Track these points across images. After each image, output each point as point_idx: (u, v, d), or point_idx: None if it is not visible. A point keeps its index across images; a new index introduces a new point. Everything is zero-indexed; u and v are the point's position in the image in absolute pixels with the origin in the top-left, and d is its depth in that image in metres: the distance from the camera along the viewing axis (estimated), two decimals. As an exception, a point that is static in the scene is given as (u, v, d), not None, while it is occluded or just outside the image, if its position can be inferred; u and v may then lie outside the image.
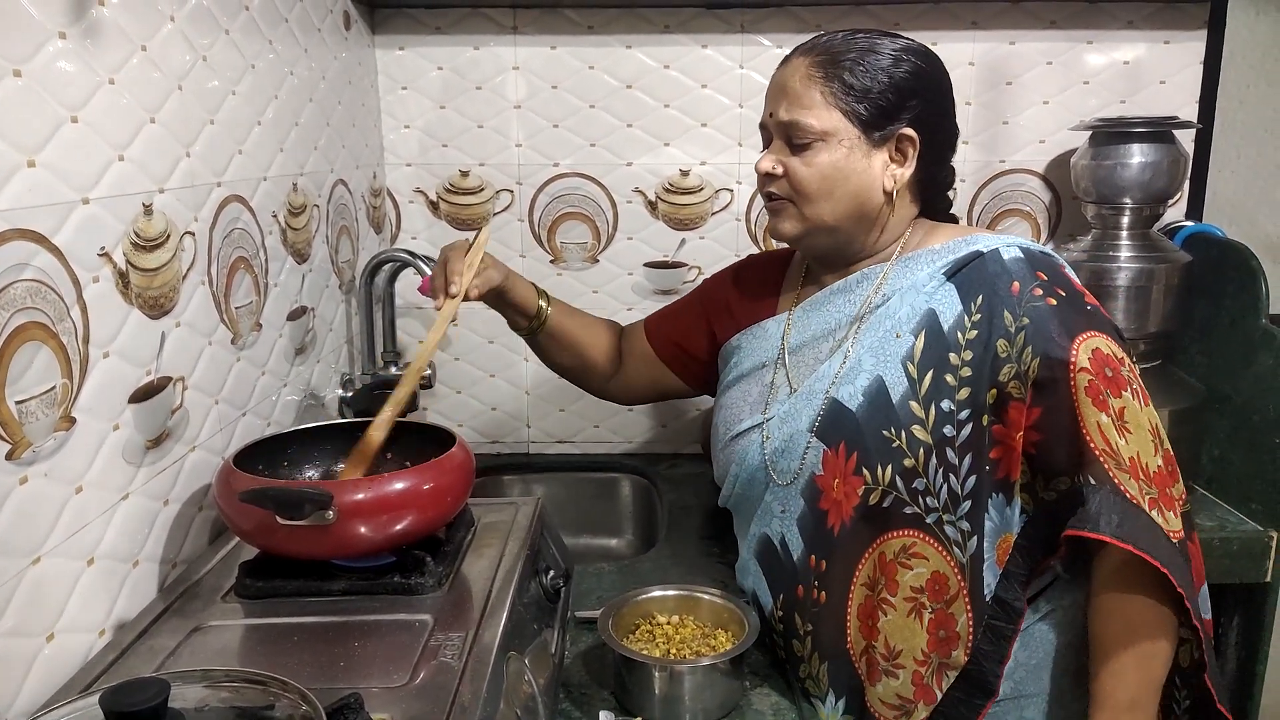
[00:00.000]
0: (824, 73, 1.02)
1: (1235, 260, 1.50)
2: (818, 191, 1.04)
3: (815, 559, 1.05)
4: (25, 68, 0.78)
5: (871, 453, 1.00)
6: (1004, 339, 0.96)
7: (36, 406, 0.79)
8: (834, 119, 1.02)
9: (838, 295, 1.11)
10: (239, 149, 1.16)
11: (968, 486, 0.96)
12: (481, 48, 1.68)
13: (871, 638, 1.00)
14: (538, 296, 1.27)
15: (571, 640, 1.12)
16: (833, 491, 1.03)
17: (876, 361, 1.02)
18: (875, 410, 1.01)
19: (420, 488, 0.95)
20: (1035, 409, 0.94)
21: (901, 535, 0.99)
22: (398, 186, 1.75)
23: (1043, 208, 1.75)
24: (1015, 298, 0.97)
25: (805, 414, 1.06)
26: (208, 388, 1.09)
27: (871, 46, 1.03)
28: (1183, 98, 1.69)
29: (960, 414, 0.97)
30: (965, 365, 0.98)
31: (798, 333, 1.13)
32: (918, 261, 1.06)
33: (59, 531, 0.83)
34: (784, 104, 1.04)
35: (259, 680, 0.67)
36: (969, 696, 0.97)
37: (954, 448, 0.97)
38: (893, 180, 1.04)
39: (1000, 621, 0.96)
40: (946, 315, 1.00)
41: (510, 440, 1.85)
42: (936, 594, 0.97)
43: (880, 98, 1.02)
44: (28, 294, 0.78)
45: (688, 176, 1.73)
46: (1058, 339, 0.93)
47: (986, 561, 0.96)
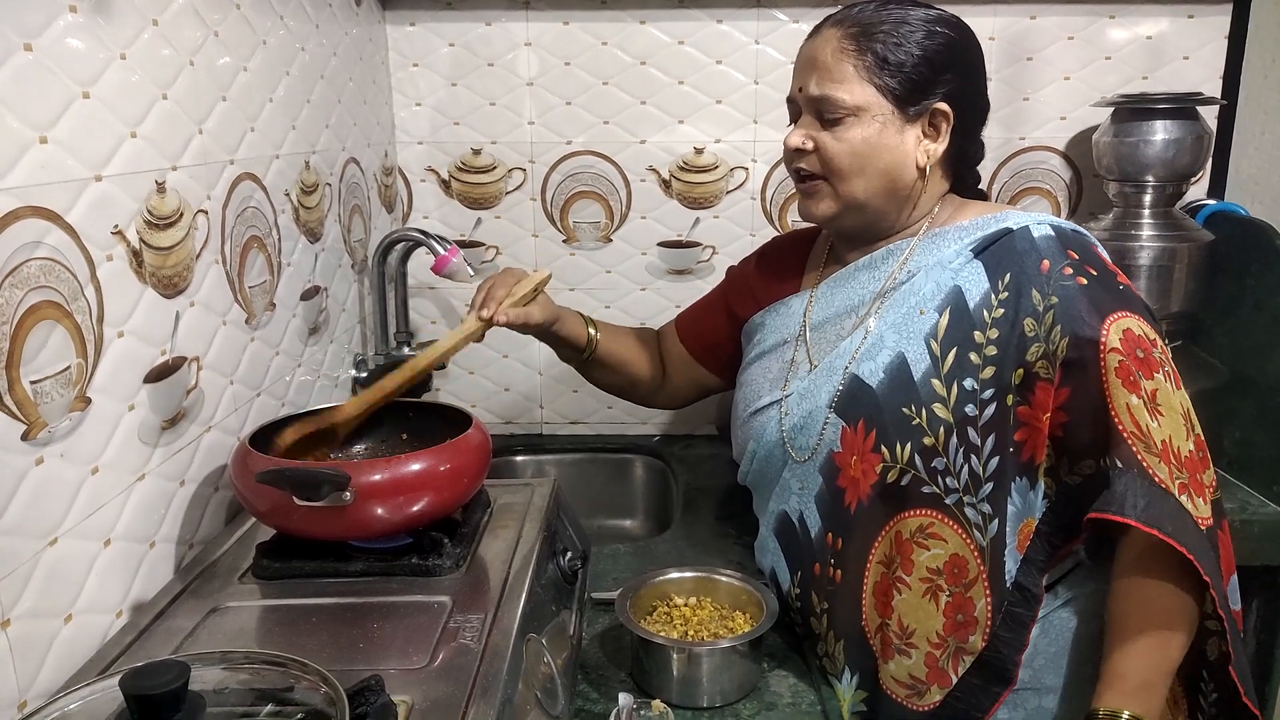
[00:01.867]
0: (857, 46, 1.00)
1: (1259, 239, 1.47)
2: (850, 168, 1.02)
3: (832, 536, 1.04)
4: (36, 42, 0.77)
5: (891, 430, 0.98)
6: (1031, 318, 0.94)
7: (51, 387, 0.78)
8: (867, 94, 1.00)
9: (862, 271, 1.09)
10: (251, 126, 1.14)
11: (990, 468, 0.95)
12: (493, 24, 1.66)
13: (886, 616, 0.99)
14: (586, 326, 1.26)
15: (589, 622, 1.12)
16: (850, 469, 1.02)
17: (899, 338, 1.01)
18: (896, 387, 0.99)
19: (437, 469, 0.94)
20: (1063, 390, 0.92)
21: (919, 515, 0.97)
22: (409, 165, 1.73)
23: (1063, 185, 1.72)
24: (1044, 276, 0.95)
25: (825, 390, 1.05)
26: (222, 368, 1.08)
27: (904, 18, 1.01)
28: (1206, 73, 1.66)
29: (984, 393, 0.95)
30: (990, 344, 0.96)
31: (820, 309, 1.11)
32: (945, 238, 1.04)
33: (75, 513, 0.82)
34: (814, 78, 1.02)
35: (279, 662, 0.66)
36: (986, 684, 0.96)
37: (976, 427, 0.96)
38: (926, 156, 1.02)
39: (1019, 608, 0.95)
40: (973, 293, 0.99)
41: (523, 421, 1.84)
42: (955, 577, 0.96)
43: (914, 72, 0.99)
44: (41, 273, 0.77)
45: (702, 154, 1.71)
46: (1087, 318, 0.92)
47: (1008, 546, 0.95)
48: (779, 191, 1.72)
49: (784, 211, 1.73)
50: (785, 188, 1.72)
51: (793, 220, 1.73)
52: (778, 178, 1.72)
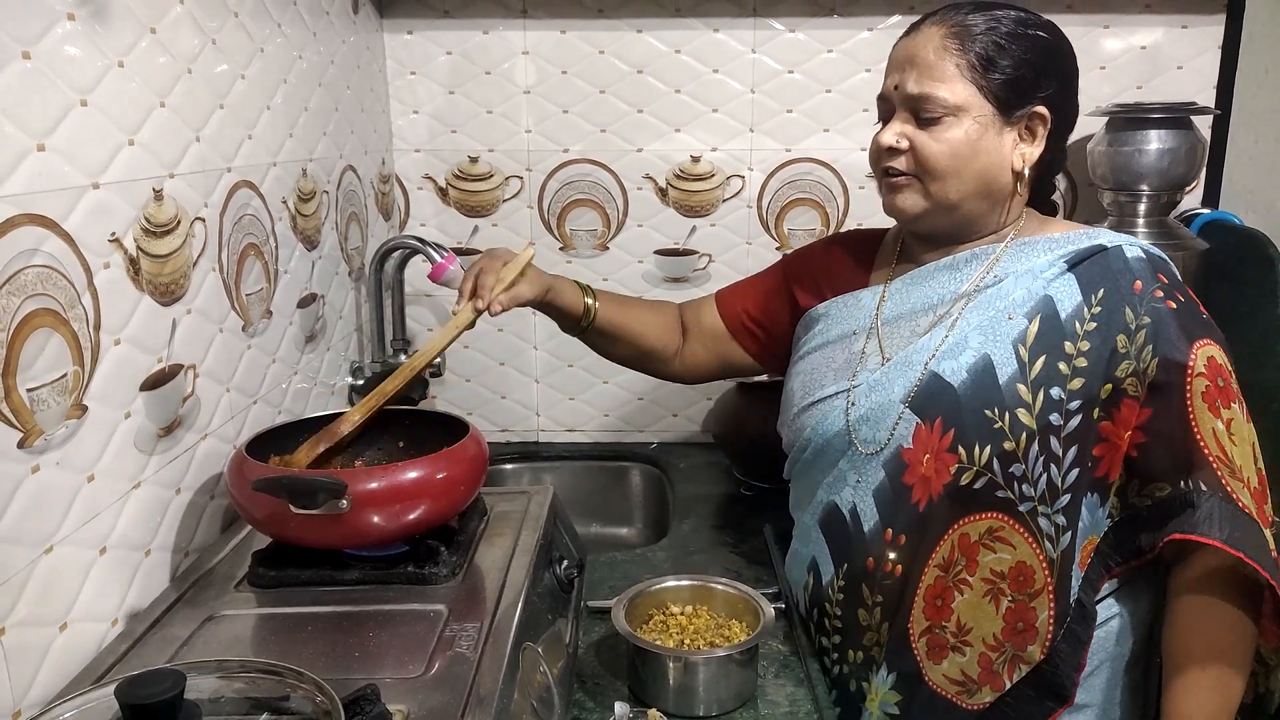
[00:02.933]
0: (960, 45, 0.98)
1: (1253, 248, 1.48)
2: (947, 169, 1.00)
3: (892, 532, 1.03)
4: (34, 50, 0.77)
5: (970, 431, 0.98)
6: (1124, 334, 0.95)
7: (48, 394, 0.78)
8: (968, 93, 0.98)
9: (943, 272, 1.07)
10: (248, 134, 1.15)
11: (1069, 480, 0.95)
12: (490, 32, 1.67)
13: (938, 619, 0.99)
14: (584, 296, 1.23)
15: (585, 630, 1.12)
16: (921, 466, 1.01)
17: (984, 340, 1.00)
18: (979, 388, 0.98)
19: (434, 477, 0.94)
20: (1146, 409, 0.93)
21: (989, 518, 0.98)
22: (406, 173, 1.74)
23: (1059, 194, 1.73)
24: (1137, 296, 0.96)
25: (899, 384, 1.04)
26: (219, 375, 1.08)
27: (1005, 18, 1.00)
28: (1200, 83, 1.67)
29: (1070, 404, 0.95)
30: (1081, 355, 0.96)
31: (895, 304, 1.10)
32: (1035, 248, 1.03)
33: (71, 520, 0.82)
34: (914, 75, 1.00)
35: (274, 671, 0.66)
36: (1040, 697, 0.96)
37: (1059, 437, 0.95)
38: (1022, 160, 1.01)
39: (1078, 626, 0.95)
40: (1065, 304, 0.98)
41: (520, 429, 1.84)
42: (1020, 585, 0.96)
43: (1017, 74, 0.98)
44: (38, 280, 0.77)
45: (699, 163, 1.71)
46: (1177, 342, 0.93)
47: (1074, 561, 0.95)
48: (775, 200, 1.73)
49: (780, 220, 1.74)
50: (782, 196, 1.73)
51: (789, 229, 1.74)
52: (774, 186, 1.72)
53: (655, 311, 1.31)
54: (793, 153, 1.70)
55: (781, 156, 1.71)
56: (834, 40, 1.66)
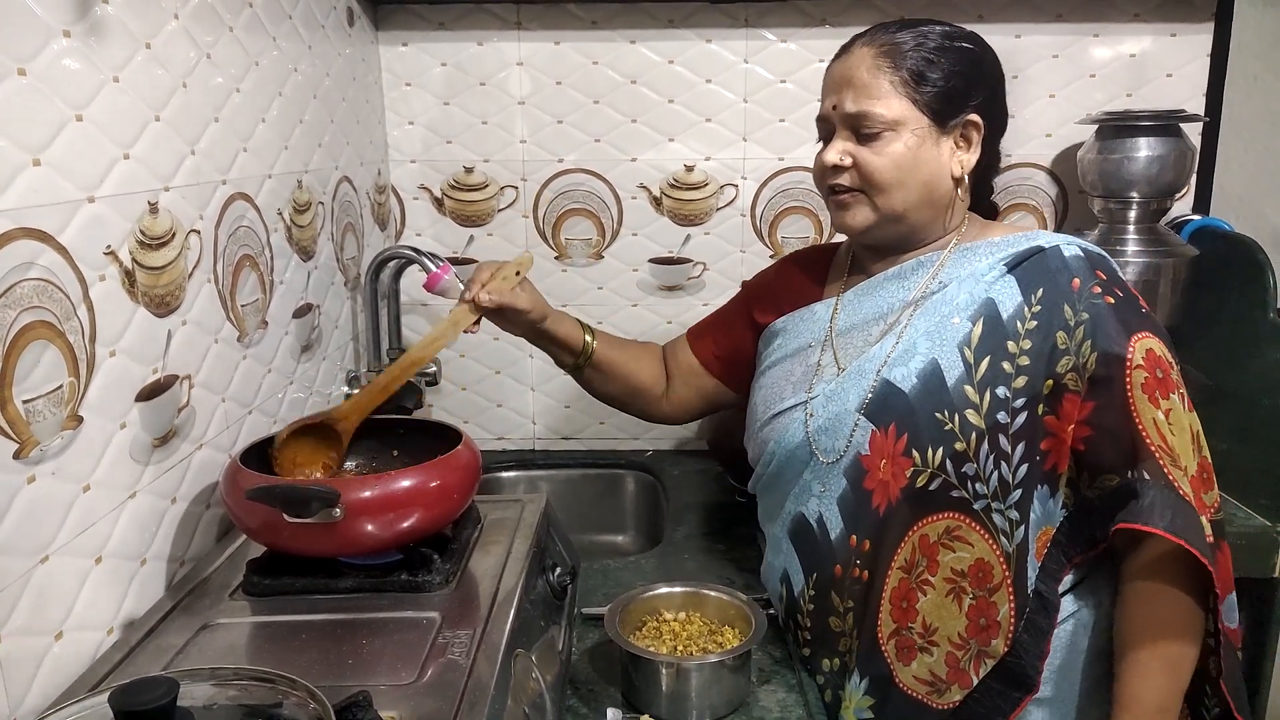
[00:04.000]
0: (892, 62, 1.03)
1: (1242, 254, 1.49)
2: (891, 181, 1.04)
3: (856, 538, 1.05)
4: (30, 66, 0.78)
5: (923, 434, 1.00)
6: (1063, 331, 0.97)
7: (44, 405, 0.79)
8: (904, 108, 1.02)
9: (891, 281, 1.11)
10: (244, 146, 1.16)
11: (1019, 475, 0.97)
12: (485, 44, 1.68)
13: (904, 621, 1.01)
14: (583, 332, 1.26)
15: (578, 637, 1.12)
16: (879, 472, 1.03)
17: (932, 345, 1.03)
18: (929, 392, 1.01)
19: (427, 485, 0.95)
20: (1089, 403, 0.95)
21: (946, 518, 0.99)
22: (402, 183, 1.75)
23: (1049, 201, 1.74)
24: (1075, 293, 0.98)
25: (854, 393, 1.06)
26: (214, 385, 1.09)
27: (932, 34, 1.04)
28: (1189, 91, 1.69)
29: (1015, 401, 0.98)
30: (1024, 354, 0.98)
31: (847, 315, 1.13)
32: (976, 252, 1.06)
33: (67, 530, 0.83)
34: (850, 95, 1.04)
35: (267, 678, 0.67)
36: (1007, 689, 0.97)
37: (1007, 435, 0.98)
38: (960, 167, 1.05)
39: (1039, 615, 0.97)
40: (1006, 305, 1.01)
41: (516, 437, 1.85)
42: (979, 581, 0.98)
43: (948, 86, 1.03)
44: (34, 293, 0.78)
45: (692, 172, 1.72)
46: (1115, 336, 0.95)
47: (1030, 553, 0.97)
48: (769, 208, 1.74)
49: (774, 228, 1.75)
50: (775, 204, 1.74)
51: (782, 237, 1.75)
52: (767, 195, 1.73)
53: (645, 352, 1.34)
54: (785, 161, 1.72)
55: (774, 165, 1.72)
56: (825, 50, 1.66)
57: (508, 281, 1.14)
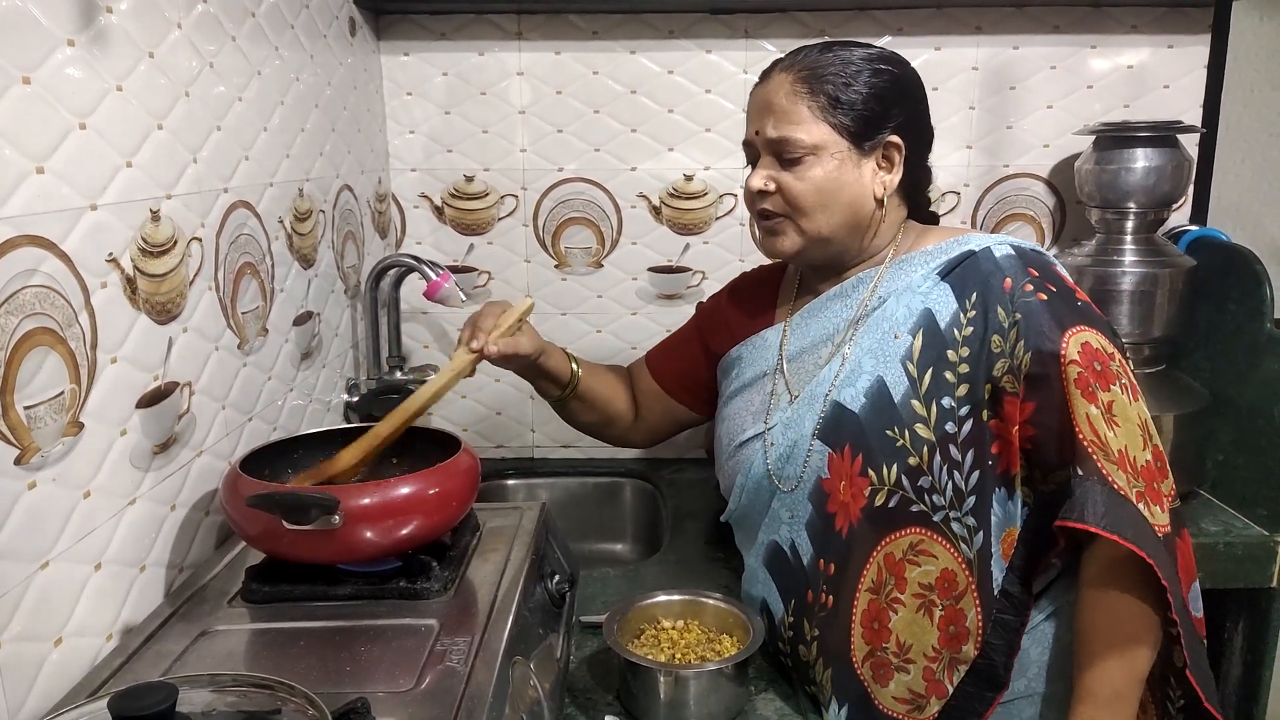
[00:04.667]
0: (809, 88, 1.03)
1: (1240, 265, 1.50)
2: (814, 205, 1.05)
3: (824, 562, 1.05)
4: (34, 75, 0.78)
5: (876, 453, 1.01)
6: (998, 334, 0.97)
7: (45, 412, 0.79)
8: (823, 132, 1.03)
9: (834, 301, 1.11)
10: (245, 155, 1.16)
11: (972, 482, 0.97)
12: (486, 53, 1.69)
13: (878, 642, 1.00)
14: (569, 362, 1.27)
15: (577, 645, 1.12)
16: (839, 494, 1.03)
17: (876, 363, 1.03)
18: (878, 411, 1.01)
19: (426, 492, 0.95)
20: (1028, 403, 0.95)
21: (909, 533, 0.99)
22: (403, 192, 1.75)
23: (1047, 212, 1.75)
24: (1008, 294, 0.98)
25: (808, 419, 1.07)
26: (215, 393, 1.10)
27: (850, 59, 1.04)
28: (1186, 102, 1.69)
29: (960, 410, 0.98)
30: (963, 362, 0.99)
31: (795, 340, 1.14)
32: (911, 263, 1.07)
33: (67, 536, 0.83)
34: (770, 121, 1.05)
35: (266, 685, 0.67)
36: (979, 690, 0.98)
37: (956, 444, 0.98)
38: (882, 187, 1.06)
39: (1008, 615, 0.97)
40: (943, 314, 1.02)
41: (514, 445, 1.85)
42: (946, 591, 0.98)
43: (865, 109, 1.03)
44: (36, 299, 0.78)
45: (691, 181, 1.73)
46: (1048, 333, 0.94)
47: (994, 556, 0.97)
48: (768, 218, 1.74)
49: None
50: (774, 214, 1.74)
51: (781, 246, 1.75)
52: (766, 204, 1.74)
53: (620, 379, 1.35)
54: (784, 171, 1.72)
55: (773, 175, 1.72)
56: (825, 61, 1.68)
57: (511, 329, 1.15)
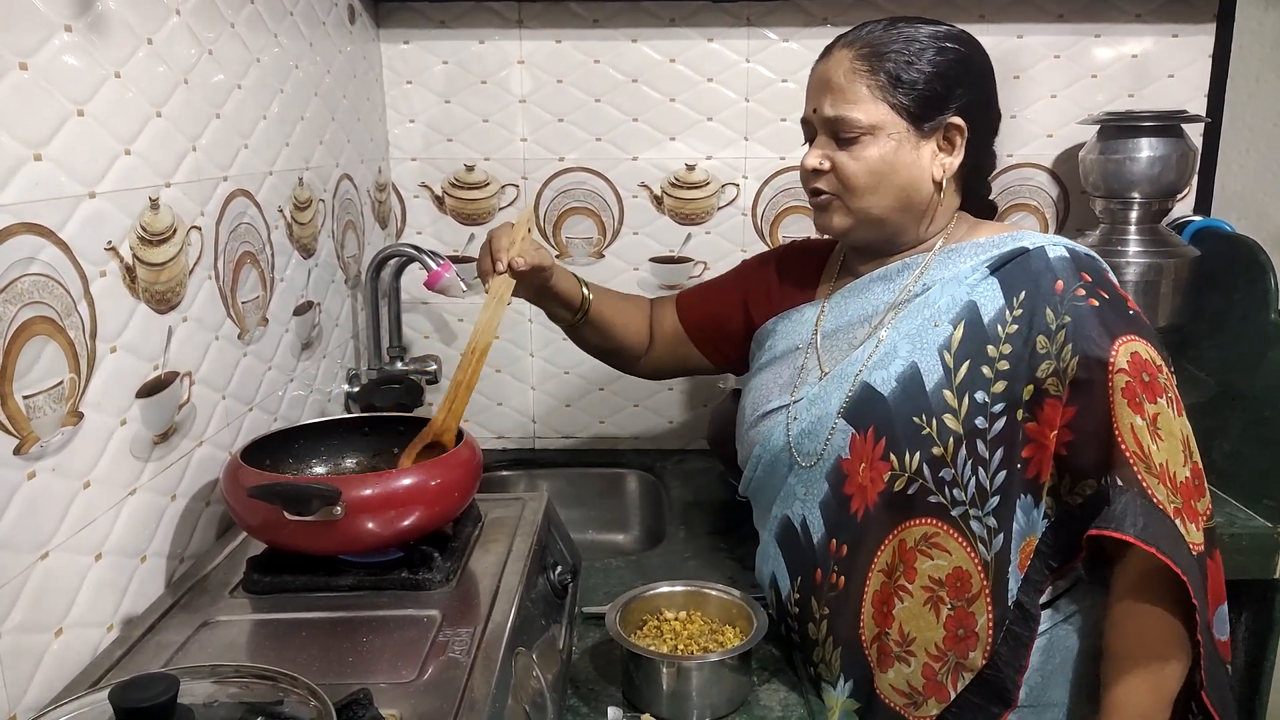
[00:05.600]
0: (869, 66, 1.01)
1: (1245, 255, 1.49)
2: (866, 185, 1.03)
3: (836, 543, 1.04)
4: (31, 61, 0.77)
5: (900, 439, 0.99)
6: (1044, 335, 0.95)
7: (44, 401, 0.79)
8: (881, 112, 1.01)
9: (876, 283, 1.10)
10: (245, 143, 1.15)
11: (997, 482, 0.96)
12: (486, 41, 1.68)
13: (884, 625, 1.00)
14: (580, 286, 1.24)
15: (579, 636, 1.12)
16: (858, 476, 1.02)
17: (912, 348, 1.01)
18: (907, 396, 1.00)
19: (428, 483, 0.94)
20: (1070, 408, 0.93)
21: (923, 523, 0.98)
22: (403, 181, 1.75)
23: (1050, 202, 1.74)
24: (1058, 296, 0.96)
25: (835, 397, 1.06)
26: (215, 382, 1.09)
27: (914, 36, 1.02)
28: (1191, 91, 1.68)
29: (994, 407, 0.96)
30: (1003, 359, 0.97)
31: (833, 318, 1.12)
32: (961, 254, 1.05)
33: (67, 526, 0.83)
34: (829, 99, 1.03)
35: (268, 676, 0.67)
36: (986, 703, 0.96)
37: (985, 440, 0.96)
38: (941, 170, 1.04)
39: (1019, 627, 0.95)
40: (988, 308, 1.00)
41: (516, 436, 1.85)
42: (957, 591, 0.97)
43: (927, 89, 1.01)
44: (35, 288, 0.78)
45: (693, 171, 1.72)
46: (1098, 339, 0.92)
47: (1012, 564, 0.95)
48: (770, 207, 1.74)
49: (775, 228, 1.75)
50: (776, 204, 1.74)
51: (784, 236, 1.75)
52: (769, 194, 1.73)
53: (635, 307, 1.33)
54: (786, 160, 1.71)
55: (775, 164, 1.72)
56: (827, 49, 1.67)
57: (528, 241, 1.11)
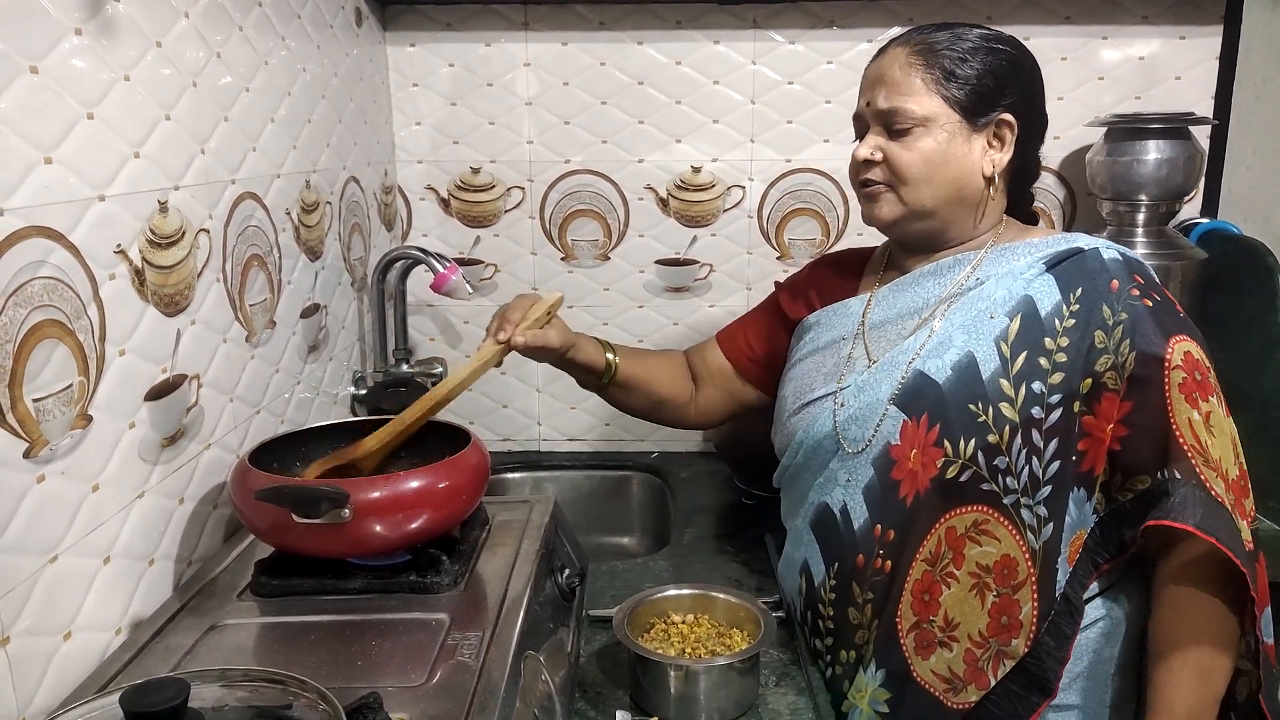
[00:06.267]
0: (924, 60, 1.04)
1: (1251, 257, 1.49)
2: (919, 176, 1.04)
3: (881, 528, 1.05)
4: (42, 64, 0.78)
5: (955, 425, 1.01)
6: (1102, 330, 0.98)
7: (53, 404, 0.79)
8: (934, 104, 1.03)
9: (927, 278, 1.11)
10: (253, 146, 1.15)
11: (1050, 472, 0.98)
12: (493, 44, 1.68)
13: (925, 614, 1.01)
14: (604, 351, 1.26)
15: (586, 639, 1.12)
16: (909, 462, 1.03)
17: (968, 338, 1.03)
18: (963, 384, 1.01)
19: (435, 486, 0.94)
20: (1127, 403, 0.96)
21: (974, 510, 1.00)
22: (409, 184, 1.75)
23: (1057, 204, 1.74)
24: (1114, 294, 0.99)
25: (885, 384, 1.07)
26: (222, 385, 1.09)
27: (967, 35, 1.05)
28: (1198, 93, 1.68)
29: (1051, 398, 0.98)
30: (1060, 351, 0.99)
31: (881, 310, 1.13)
32: (1015, 252, 1.07)
33: (76, 530, 0.83)
34: (883, 92, 1.05)
35: (277, 680, 0.67)
36: (1026, 692, 0.98)
37: (1040, 430, 0.98)
38: (991, 165, 1.05)
39: (1063, 620, 0.97)
40: (1044, 302, 1.01)
41: (521, 438, 1.85)
42: (1004, 578, 0.98)
43: (980, 84, 1.03)
44: (44, 291, 0.78)
45: (699, 173, 1.72)
46: (1154, 337, 0.95)
47: (1061, 555, 0.97)
48: (776, 210, 1.74)
49: (781, 230, 1.75)
50: (782, 206, 1.73)
51: (789, 239, 1.75)
52: (774, 196, 1.73)
53: (666, 360, 1.35)
54: (793, 163, 1.71)
55: (781, 167, 1.72)
56: (833, 52, 1.67)
57: (539, 321, 1.15)
